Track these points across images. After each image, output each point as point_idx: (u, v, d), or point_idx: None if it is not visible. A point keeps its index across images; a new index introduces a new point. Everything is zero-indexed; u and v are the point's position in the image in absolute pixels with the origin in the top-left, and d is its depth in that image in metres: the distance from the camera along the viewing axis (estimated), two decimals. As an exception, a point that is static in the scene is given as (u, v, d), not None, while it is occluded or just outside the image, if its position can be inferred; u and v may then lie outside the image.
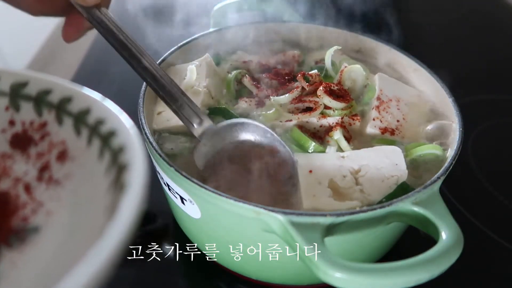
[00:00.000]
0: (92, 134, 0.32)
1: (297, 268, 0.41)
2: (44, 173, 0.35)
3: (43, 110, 0.35)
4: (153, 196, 0.60)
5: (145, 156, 0.28)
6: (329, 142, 0.49)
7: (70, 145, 0.34)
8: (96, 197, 0.31)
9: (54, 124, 0.35)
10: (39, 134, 0.36)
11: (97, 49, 0.91)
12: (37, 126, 0.36)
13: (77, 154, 0.34)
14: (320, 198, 0.43)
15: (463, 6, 1.13)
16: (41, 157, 0.36)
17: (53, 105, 0.35)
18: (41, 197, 0.35)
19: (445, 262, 0.35)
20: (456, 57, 0.92)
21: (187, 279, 0.52)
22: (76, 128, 0.34)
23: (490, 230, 0.58)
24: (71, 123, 0.34)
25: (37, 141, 0.36)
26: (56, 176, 0.35)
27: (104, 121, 0.32)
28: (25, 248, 0.33)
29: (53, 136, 0.35)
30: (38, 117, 0.35)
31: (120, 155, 0.29)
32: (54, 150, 0.35)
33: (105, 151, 0.31)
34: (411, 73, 0.60)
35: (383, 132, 0.51)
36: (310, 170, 0.45)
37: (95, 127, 0.32)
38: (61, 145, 0.35)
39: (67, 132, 0.34)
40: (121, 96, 0.78)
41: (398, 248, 0.51)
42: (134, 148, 0.29)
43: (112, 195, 0.28)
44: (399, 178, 0.45)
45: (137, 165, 0.28)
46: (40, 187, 0.35)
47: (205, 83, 0.54)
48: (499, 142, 0.73)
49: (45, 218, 0.34)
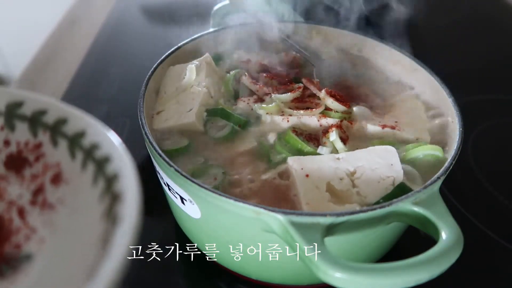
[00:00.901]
0: (87, 158, 0.32)
1: (297, 268, 0.41)
2: (38, 196, 0.35)
3: (38, 130, 0.35)
4: (153, 196, 0.60)
5: (139, 185, 0.28)
6: (325, 143, 0.49)
7: (65, 168, 0.34)
8: (89, 225, 0.30)
9: (49, 146, 0.34)
10: (34, 155, 0.35)
11: (97, 49, 0.91)
12: (32, 147, 0.35)
13: (71, 177, 0.33)
14: (319, 204, 0.42)
15: (463, 6, 1.13)
16: (36, 179, 0.35)
17: (48, 126, 0.34)
18: (35, 222, 0.34)
19: (445, 262, 0.35)
20: (456, 57, 0.92)
21: (187, 279, 0.52)
22: (71, 151, 0.33)
23: (490, 230, 0.58)
24: (66, 145, 0.33)
25: (32, 163, 0.35)
26: (50, 200, 0.34)
27: (99, 146, 0.31)
28: (17, 278, 0.32)
29: (48, 157, 0.35)
30: (33, 138, 0.35)
31: (114, 183, 0.29)
32: (49, 172, 0.34)
33: (99, 177, 0.31)
34: (411, 73, 0.60)
35: (383, 127, 0.51)
36: (307, 175, 0.45)
37: (90, 151, 0.32)
38: (56, 167, 0.34)
39: (62, 154, 0.34)
40: (121, 96, 0.78)
41: (398, 248, 0.51)
42: (128, 177, 0.28)
43: (105, 225, 0.28)
44: (395, 179, 0.45)
45: (130, 196, 0.27)
46: (33, 211, 0.35)
47: (204, 82, 0.54)
48: (499, 142, 0.73)
49: (38, 246, 0.33)
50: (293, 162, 0.46)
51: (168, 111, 0.53)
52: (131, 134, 0.69)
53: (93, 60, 0.87)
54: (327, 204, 0.42)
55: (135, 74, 0.48)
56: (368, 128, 0.52)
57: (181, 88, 0.54)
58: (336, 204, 0.43)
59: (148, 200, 0.57)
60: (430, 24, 1.05)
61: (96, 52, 0.90)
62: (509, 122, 0.77)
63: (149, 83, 0.52)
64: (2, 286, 0.32)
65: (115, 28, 0.97)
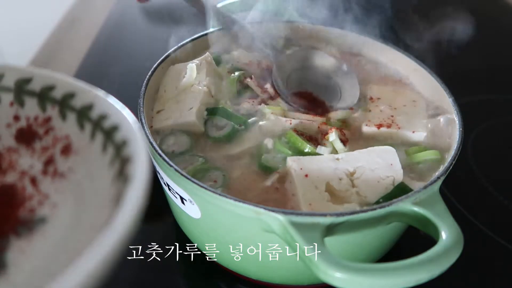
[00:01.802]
0: (95, 128, 0.33)
1: (297, 268, 0.41)
2: (49, 166, 0.36)
3: (47, 105, 0.36)
4: (153, 195, 0.60)
5: (147, 150, 0.29)
6: (325, 145, 0.50)
7: (74, 139, 0.35)
8: (100, 189, 0.31)
9: (58, 119, 0.36)
10: (44, 129, 0.36)
11: (97, 49, 0.91)
12: (41, 121, 0.36)
13: (81, 148, 0.35)
14: (318, 204, 0.42)
15: (463, 7, 1.12)
16: (46, 151, 0.36)
17: (57, 100, 0.35)
18: (47, 189, 0.36)
19: (445, 262, 0.35)
20: (456, 57, 0.92)
21: (187, 279, 0.52)
22: (80, 123, 0.34)
23: (490, 230, 0.58)
24: (74, 118, 0.35)
25: (41, 136, 0.37)
26: (60, 170, 0.36)
27: (107, 116, 0.33)
28: (32, 238, 0.34)
29: (57, 131, 0.36)
30: (42, 113, 0.36)
31: (123, 149, 0.30)
32: (58, 144, 0.36)
33: (108, 145, 0.32)
34: (411, 73, 0.60)
35: (379, 127, 0.51)
36: (306, 175, 0.44)
37: (98, 122, 0.33)
38: (65, 140, 0.36)
39: (70, 127, 0.35)
40: (121, 96, 0.78)
41: (398, 248, 0.51)
42: (137, 142, 0.30)
43: (117, 187, 0.29)
44: (395, 179, 0.45)
45: (140, 158, 0.28)
46: (45, 180, 0.36)
47: (205, 82, 0.54)
48: (499, 142, 0.73)
49: (51, 210, 0.35)
50: (292, 162, 0.46)
51: (168, 110, 0.53)
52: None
53: (93, 60, 0.87)
54: (326, 204, 0.42)
55: (135, 74, 0.48)
56: (364, 129, 0.52)
57: (181, 87, 0.54)
58: (335, 204, 0.43)
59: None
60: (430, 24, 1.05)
61: (96, 52, 0.90)
62: (509, 122, 0.77)
63: (149, 83, 0.52)
64: (20, 245, 0.34)
65: (115, 28, 0.97)
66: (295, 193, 0.44)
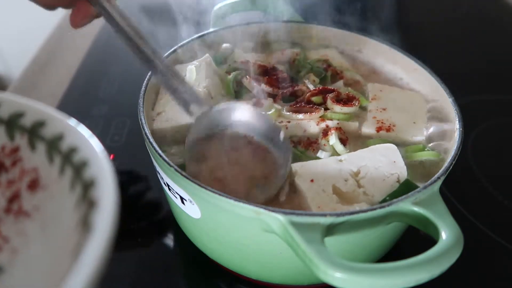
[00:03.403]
0: (65, 162, 0.31)
1: (297, 268, 0.41)
2: (14, 203, 0.34)
3: (16, 134, 0.33)
4: (153, 195, 0.60)
5: (116, 192, 0.27)
6: (325, 145, 0.49)
7: (43, 173, 0.32)
8: (63, 235, 0.29)
9: (26, 150, 0.33)
10: (11, 159, 0.34)
11: (97, 49, 0.91)
12: (8, 151, 0.34)
13: (49, 183, 0.32)
14: (328, 207, 0.42)
15: (463, 6, 1.13)
16: (12, 185, 0.34)
17: (26, 129, 0.33)
18: (8, 231, 0.33)
19: (445, 262, 0.34)
20: (456, 57, 0.92)
21: (187, 279, 0.52)
22: (49, 155, 0.32)
23: (490, 230, 0.58)
24: (44, 149, 0.32)
25: (8, 168, 0.34)
26: (25, 208, 0.33)
27: (77, 149, 0.30)
28: None
29: (25, 162, 0.33)
30: (10, 141, 0.33)
31: (91, 189, 0.28)
32: (26, 178, 0.33)
33: (76, 183, 0.29)
34: (411, 73, 0.60)
35: (378, 130, 0.51)
36: (311, 180, 0.45)
37: (68, 155, 0.30)
38: (33, 173, 0.33)
39: (39, 158, 0.32)
40: (121, 96, 0.78)
41: (398, 248, 0.51)
42: (106, 183, 0.27)
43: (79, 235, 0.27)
44: (399, 175, 0.45)
45: (106, 203, 0.26)
46: (8, 220, 0.33)
47: (204, 83, 0.54)
48: (499, 142, 0.73)
49: (10, 257, 0.32)
50: (296, 168, 0.46)
51: (168, 112, 0.53)
52: (131, 134, 0.69)
53: (93, 60, 0.87)
54: (336, 206, 0.42)
55: (135, 74, 0.48)
56: (363, 131, 0.52)
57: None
58: (345, 205, 0.43)
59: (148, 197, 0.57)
60: (430, 24, 1.05)
61: (96, 52, 0.90)
62: (509, 122, 0.77)
63: (149, 83, 0.52)
64: None
65: (115, 28, 0.97)
66: (303, 199, 0.44)
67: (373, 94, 0.57)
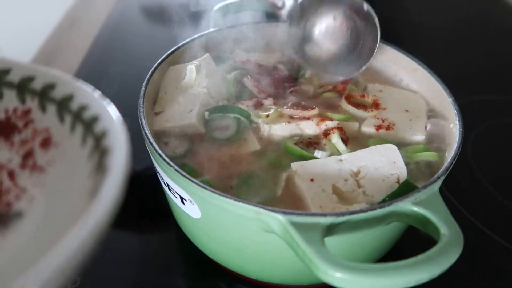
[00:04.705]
0: (75, 120, 0.33)
1: (297, 268, 0.41)
2: (28, 160, 0.36)
3: (26, 97, 0.35)
4: (153, 195, 0.60)
5: (127, 140, 0.29)
6: (326, 145, 0.49)
7: (54, 132, 0.34)
8: (78, 183, 0.31)
9: (37, 111, 0.35)
10: (23, 121, 0.36)
11: (97, 49, 0.91)
12: (20, 113, 0.36)
13: (60, 140, 0.34)
14: (328, 207, 0.42)
15: (463, 6, 1.13)
16: (25, 144, 0.36)
17: (36, 92, 0.35)
18: (25, 183, 0.35)
19: (445, 262, 0.35)
20: (456, 57, 0.92)
21: (187, 279, 0.52)
22: (60, 115, 0.34)
23: (490, 230, 0.58)
24: (54, 110, 0.34)
25: (20, 129, 0.36)
26: (39, 163, 0.35)
27: (87, 107, 0.32)
28: (7, 233, 0.33)
29: (37, 123, 0.35)
30: (22, 105, 0.35)
31: (103, 140, 0.30)
32: (38, 137, 0.35)
33: (88, 137, 0.31)
34: (410, 73, 0.60)
35: (377, 129, 0.51)
36: (311, 179, 0.45)
37: (78, 113, 0.32)
38: (44, 132, 0.35)
39: (50, 119, 0.34)
40: (121, 96, 0.78)
41: (398, 248, 0.51)
42: (117, 133, 0.29)
43: (95, 179, 0.28)
44: (399, 176, 0.45)
45: (119, 149, 0.28)
46: (23, 174, 0.35)
47: (204, 83, 0.54)
48: (499, 142, 0.73)
49: (28, 204, 0.34)
50: (296, 167, 0.46)
51: (169, 112, 0.53)
52: (131, 134, 0.69)
53: (93, 60, 0.87)
54: (336, 206, 0.42)
55: (135, 74, 0.48)
56: (363, 130, 0.52)
57: (181, 89, 0.54)
58: (344, 205, 0.43)
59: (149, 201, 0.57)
60: (430, 24, 1.05)
61: (96, 52, 0.90)
62: (509, 122, 0.77)
63: (149, 83, 0.52)
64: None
65: (115, 28, 0.97)
66: (303, 198, 0.44)
67: (373, 94, 0.57)
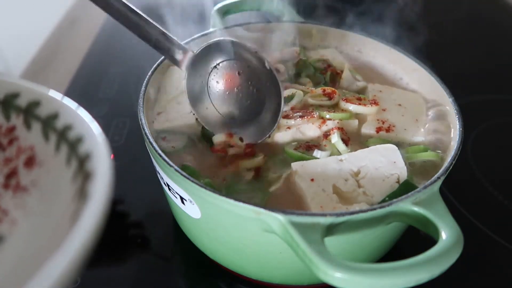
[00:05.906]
0: (60, 139, 0.32)
1: (297, 268, 0.41)
2: (11, 179, 0.35)
3: (11, 114, 0.34)
4: (153, 195, 0.60)
5: (110, 163, 0.28)
6: (326, 146, 0.49)
7: (38, 150, 0.34)
8: (62, 206, 0.30)
9: (22, 129, 0.34)
10: (7, 138, 0.35)
11: (97, 49, 0.91)
12: (5, 130, 0.35)
13: (44, 159, 0.33)
14: (328, 206, 0.42)
15: (463, 6, 1.13)
16: (9, 163, 0.35)
17: (21, 109, 0.34)
18: (7, 205, 0.34)
19: (445, 262, 0.34)
20: (456, 57, 0.92)
21: (187, 279, 0.52)
22: (45, 134, 0.33)
23: (490, 230, 0.58)
24: (39, 128, 0.33)
25: (5, 146, 0.35)
26: (23, 183, 0.34)
27: (72, 127, 0.31)
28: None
29: (21, 141, 0.35)
30: (6, 121, 0.35)
31: (86, 163, 0.29)
32: (22, 156, 0.35)
33: (72, 158, 0.31)
34: (411, 73, 0.60)
35: (378, 130, 0.51)
36: (312, 179, 0.45)
37: (63, 133, 0.32)
38: (29, 151, 0.34)
39: (35, 137, 0.34)
40: (121, 96, 0.78)
41: (398, 248, 0.51)
42: (100, 156, 0.28)
43: (77, 204, 0.28)
44: (399, 176, 0.45)
45: (101, 174, 0.27)
46: (6, 194, 0.35)
47: (205, 83, 0.54)
48: (499, 142, 0.73)
49: (9, 227, 0.34)
50: (297, 167, 0.46)
51: (169, 112, 0.53)
52: (131, 134, 0.69)
53: (93, 60, 0.87)
54: (336, 206, 0.42)
55: (135, 74, 0.48)
56: (363, 131, 0.52)
57: (182, 89, 0.54)
58: (344, 205, 0.43)
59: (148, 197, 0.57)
60: (430, 24, 1.05)
61: (96, 52, 0.90)
62: (509, 122, 0.77)
63: (149, 83, 0.52)
64: None
65: (115, 28, 0.97)
66: (303, 198, 0.44)
67: (373, 95, 0.57)
